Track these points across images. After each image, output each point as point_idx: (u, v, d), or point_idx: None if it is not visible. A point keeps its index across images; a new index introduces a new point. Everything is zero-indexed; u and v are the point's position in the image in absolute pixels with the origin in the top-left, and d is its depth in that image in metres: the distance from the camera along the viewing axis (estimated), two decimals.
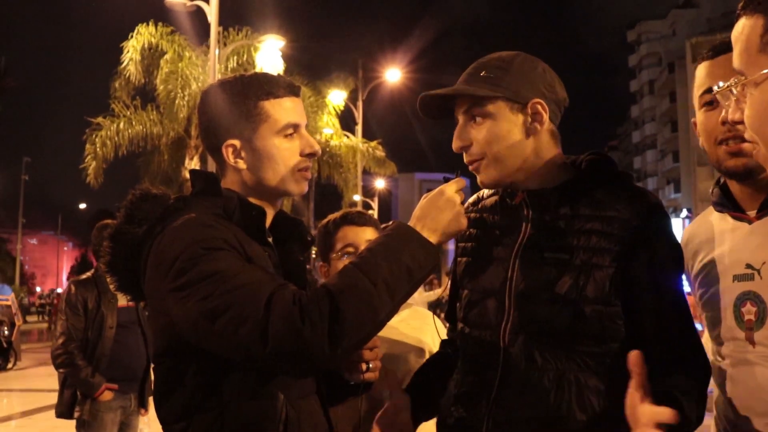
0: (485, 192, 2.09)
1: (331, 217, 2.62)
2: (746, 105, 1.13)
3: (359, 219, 2.55)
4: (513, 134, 1.85)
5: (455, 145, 1.91)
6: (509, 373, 1.81)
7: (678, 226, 61.24)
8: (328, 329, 1.49)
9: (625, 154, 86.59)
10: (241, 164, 1.82)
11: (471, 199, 2.12)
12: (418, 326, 2.63)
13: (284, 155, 1.82)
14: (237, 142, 1.81)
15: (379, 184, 37.13)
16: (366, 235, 2.49)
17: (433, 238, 1.69)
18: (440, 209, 1.72)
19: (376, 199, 35.81)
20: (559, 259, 1.80)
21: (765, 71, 1.08)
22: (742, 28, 1.14)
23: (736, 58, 1.16)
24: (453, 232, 1.73)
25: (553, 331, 1.78)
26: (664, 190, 68.89)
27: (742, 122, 1.16)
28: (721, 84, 1.18)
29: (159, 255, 1.66)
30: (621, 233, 1.77)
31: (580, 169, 1.90)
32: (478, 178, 1.92)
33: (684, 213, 59.65)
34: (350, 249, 2.49)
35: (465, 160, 1.92)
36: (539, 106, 1.85)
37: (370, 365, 1.96)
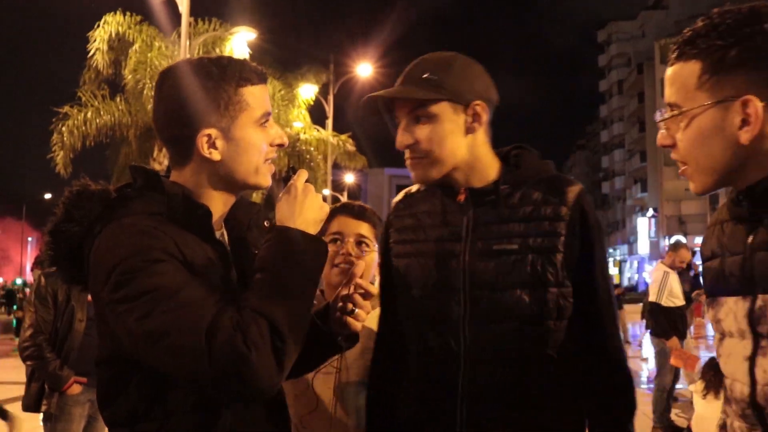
0: (414, 191, 2.18)
1: (334, 204, 2.64)
2: (680, 132, 1.36)
3: (359, 211, 2.56)
4: (455, 134, 1.96)
5: (401, 144, 1.99)
6: (474, 363, 1.93)
7: (644, 225, 62.09)
8: (272, 349, 1.49)
9: (594, 153, 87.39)
10: (216, 155, 1.70)
11: (398, 199, 2.21)
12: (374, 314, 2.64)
13: (259, 145, 1.75)
14: (214, 131, 1.69)
15: (349, 178, 37.07)
16: (360, 230, 2.50)
17: (310, 229, 1.68)
18: (300, 202, 1.71)
19: (345, 193, 35.75)
20: (508, 249, 1.94)
21: (702, 105, 1.31)
22: (679, 72, 1.37)
23: (673, 95, 1.38)
24: (321, 217, 1.74)
25: (515, 316, 1.91)
26: (631, 189, 69.72)
27: (671, 146, 1.41)
28: (663, 113, 1.41)
29: (97, 262, 1.59)
30: (555, 219, 1.94)
31: (508, 163, 2.04)
32: (416, 174, 2.01)
33: (650, 212, 60.39)
34: (337, 237, 2.49)
35: (406, 156, 2.00)
36: (479, 108, 1.97)
37: (356, 311, 1.90)
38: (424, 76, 1.94)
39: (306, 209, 1.71)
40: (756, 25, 1.27)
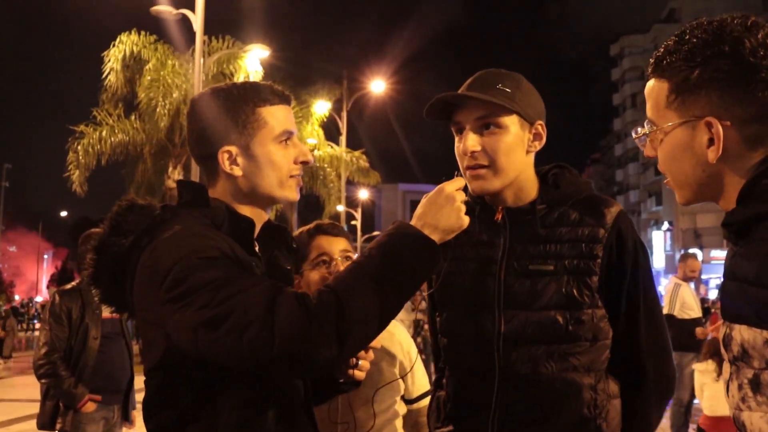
0: None
1: (304, 228, 2.64)
2: (658, 147, 1.40)
3: (332, 229, 2.58)
4: (519, 149, 1.97)
5: (469, 149, 1.95)
6: (507, 381, 1.93)
7: (659, 239, 61.78)
8: (335, 329, 1.50)
9: (608, 167, 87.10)
10: (237, 171, 1.79)
11: None
12: (389, 336, 2.66)
13: (280, 162, 1.82)
14: (234, 149, 1.79)
15: (363, 194, 37.11)
16: (339, 246, 2.51)
17: (434, 236, 1.69)
18: (439, 206, 1.73)
19: (359, 209, 35.80)
20: (543, 270, 1.93)
21: (671, 124, 1.35)
22: (653, 88, 1.40)
23: (649, 110, 1.42)
24: (453, 228, 1.75)
25: (549, 337, 1.91)
26: (646, 203, 69.36)
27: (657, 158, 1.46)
28: (639, 130, 1.44)
29: (151, 267, 1.64)
30: (592, 241, 1.92)
31: (547, 182, 2.04)
32: (473, 185, 1.98)
33: (665, 225, 60.05)
34: (324, 258, 2.49)
35: (466, 164, 1.97)
36: (540, 128, 2.00)
37: (360, 363, 1.98)
38: (498, 86, 1.95)
39: (441, 214, 1.72)
40: (718, 46, 1.29)
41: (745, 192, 1.28)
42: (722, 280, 1.32)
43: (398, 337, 2.69)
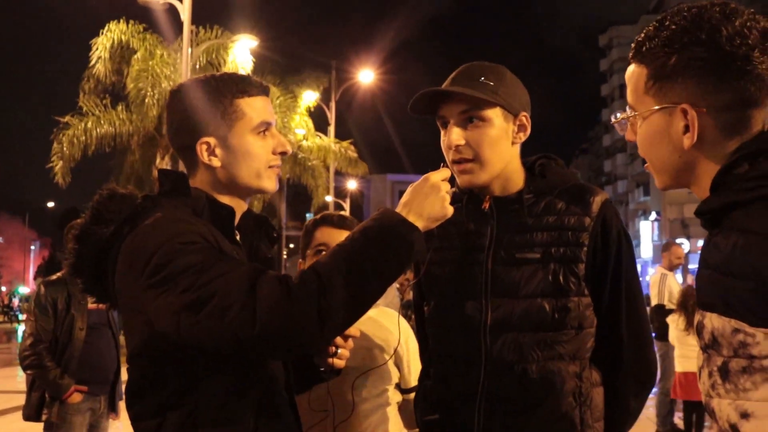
0: None
1: (313, 217, 2.69)
2: (638, 132, 1.42)
3: (338, 221, 2.61)
4: (503, 141, 1.99)
5: (454, 141, 1.97)
6: (494, 369, 1.95)
7: (647, 229, 62.03)
8: (316, 307, 1.51)
9: (596, 157, 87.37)
10: (216, 162, 1.82)
11: None
12: (383, 324, 2.68)
13: (258, 153, 1.84)
14: (212, 140, 1.81)
15: (351, 185, 37.08)
16: (342, 238, 2.49)
17: (419, 223, 1.71)
18: (425, 195, 1.75)
19: (347, 199, 35.76)
20: (530, 258, 1.96)
21: (649, 110, 1.36)
22: (632, 73, 1.41)
23: (629, 96, 1.43)
24: (438, 217, 1.76)
25: (535, 325, 1.93)
26: (633, 193, 69.61)
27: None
28: (618, 115, 1.46)
29: (132, 253, 1.65)
30: (578, 229, 1.95)
31: (533, 173, 2.06)
32: (461, 180, 2.01)
33: (653, 216, 60.31)
34: (323, 248, 2.52)
35: (452, 158, 2.00)
36: (525, 119, 2.03)
37: (339, 351, 2.00)
38: (481, 79, 1.97)
39: (427, 203, 1.74)
40: (695, 33, 1.29)
41: (718, 180, 1.30)
42: (698, 268, 1.33)
43: (393, 326, 2.68)
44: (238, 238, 1.85)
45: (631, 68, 1.42)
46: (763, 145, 1.28)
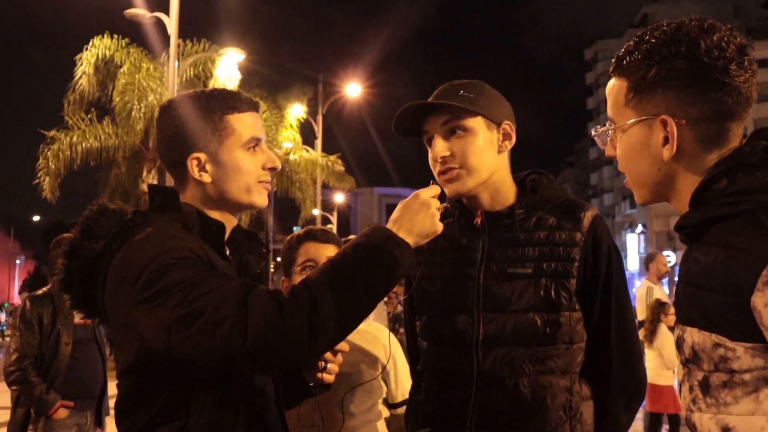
0: None
1: (296, 233, 2.68)
2: (618, 145, 1.43)
3: (322, 236, 2.61)
4: (489, 149, 2.01)
5: (438, 154, 2.00)
6: (485, 383, 1.96)
7: (633, 241, 62.32)
8: (308, 322, 1.51)
9: (582, 170, 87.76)
10: (206, 177, 1.82)
11: None
12: (371, 339, 2.68)
13: (248, 168, 1.84)
14: (202, 155, 1.82)
15: (339, 198, 37.06)
16: (327, 252, 2.52)
17: (409, 239, 1.72)
18: (415, 211, 1.76)
19: (335, 213, 35.73)
20: (521, 273, 1.97)
21: (629, 122, 1.38)
22: (613, 87, 1.43)
23: (609, 109, 1.45)
24: (428, 233, 1.78)
25: (526, 340, 1.94)
26: (620, 206, 69.96)
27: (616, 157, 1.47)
28: (599, 128, 1.47)
29: (123, 269, 1.65)
30: (569, 244, 1.97)
31: (524, 188, 2.09)
32: (448, 189, 2.03)
33: (639, 228, 60.58)
34: (311, 263, 2.52)
35: (439, 169, 2.02)
36: (509, 128, 2.05)
37: (328, 366, 2.00)
38: (460, 92, 2.01)
39: (417, 219, 1.76)
40: (675, 46, 1.32)
41: (698, 196, 1.31)
42: (677, 282, 1.33)
43: (383, 340, 2.70)
44: (228, 253, 1.85)
45: (612, 82, 1.45)
46: (741, 160, 1.29)
